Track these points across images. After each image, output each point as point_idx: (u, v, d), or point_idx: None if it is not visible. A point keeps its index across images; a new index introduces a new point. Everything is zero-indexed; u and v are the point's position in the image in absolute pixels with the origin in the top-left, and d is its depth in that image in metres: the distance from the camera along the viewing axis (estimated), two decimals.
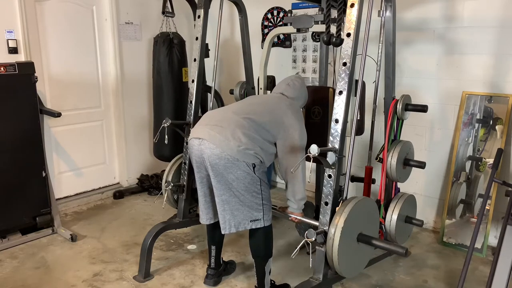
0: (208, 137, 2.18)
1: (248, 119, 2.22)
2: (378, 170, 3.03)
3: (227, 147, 2.13)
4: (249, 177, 2.18)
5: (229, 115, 2.27)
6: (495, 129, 3.02)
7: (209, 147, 2.16)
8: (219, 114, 2.35)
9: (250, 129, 2.19)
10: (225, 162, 2.13)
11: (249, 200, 2.21)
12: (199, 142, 2.22)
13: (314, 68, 4.02)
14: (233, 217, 2.24)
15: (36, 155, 3.25)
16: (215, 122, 2.25)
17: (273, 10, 4.24)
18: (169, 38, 3.87)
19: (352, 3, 2.02)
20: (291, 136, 2.27)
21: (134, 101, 4.31)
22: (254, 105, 2.41)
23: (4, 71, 3.00)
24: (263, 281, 2.38)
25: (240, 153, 2.13)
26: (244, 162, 2.14)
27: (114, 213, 3.82)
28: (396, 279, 2.71)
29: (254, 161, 2.17)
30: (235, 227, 2.25)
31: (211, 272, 2.63)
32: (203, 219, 2.45)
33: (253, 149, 2.16)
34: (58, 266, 2.87)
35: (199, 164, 2.28)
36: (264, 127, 2.24)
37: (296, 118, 2.33)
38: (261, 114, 2.29)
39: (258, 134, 2.20)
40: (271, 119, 2.28)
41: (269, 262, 2.36)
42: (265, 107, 2.36)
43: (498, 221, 3.00)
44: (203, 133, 2.22)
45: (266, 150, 2.23)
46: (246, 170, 2.16)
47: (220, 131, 2.17)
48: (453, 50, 3.14)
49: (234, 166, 2.14)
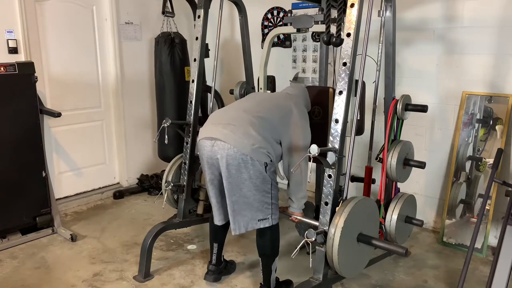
0: (222, 136, 2.17)
1: (259, 118, 2.22)
2: (378, 170, 3.03)
3: (241, 145, 2.13)
4: (261, 177, 2.18)
5: (240, 114, 2.26)
6: (495, 129, 3.02)
7: (223, 148, 2.16)
8: (229, 112, 2.35)
9: (261, 127, 2.19)
10: (239, 161, 2.13)
11: (259, 199, 2.21)
12: (211, 143, 2.21)
13: (314, 68, 4.02)
14: (242, 217, 2.24)
15: (36, 155, 3.25)
16: (227, 120, 2.24)
17: (273, 10, 4.24)
18: (170, 37, 3.88)
19: (352, 3, 2.02)
20: (296, 135, 2.28)
21: (134, 101, 4.31)
22: (263, 102, 2.41)
23: (4, 71, 3.00)
24: (269, 279, 2.39)
25: (254, 152, 2.13)
26: (258, 161, 2.14)
27: (114, 213, 3.83)
28: (396, 279, 2.71)
29: (266, 160, 2.18)
30: (244, 227, 2.26)
31: (212, 269, 2.65)
32: (216, 220, 2.45)
33: (265, 148, 2.16)
34: (58, 266, 2.87)
35: (211, 165, 2.27)
36: (274, 125, 2.25)
37: (302, 117, 2.34)
38: (270, 112, 2.29)
39: (268, 133, 2.21)
40: (279, 117, 2.28)
41: (275, 260, 2.37)
42: (273, 105, 2.37)
43: (498, 221, 3.00)
44: (216, 132, 2.21)
45: (275, 150, 2.24)
46: (259, 169, 2.16)
47: (233, 130, 2.17)
48: (453, 50, 3.14)
49: (248, 165, 2.14)
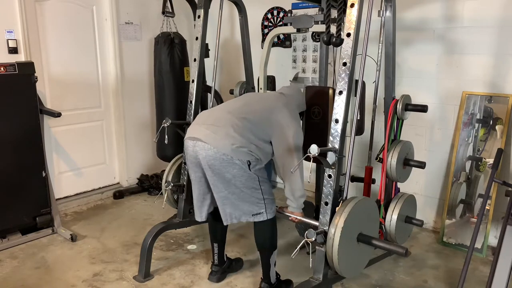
0: (203, 137, 2.21)
1: (243, 119, 2.25)
2: (378, 170, 3.02)
3: (221, 145, 2.16)
4: (246, 175, 2.20)
5: (225, 115, 2.29)
6: (495, 129, 3.02)
7: (203, 148, 2.19)
8: (215, 113, 2.38)
9: (244, 128, 2.21)
10: (221, 161, 2.17)
11: (249, 195, 2.24)
12: (193, 143, 2.26)
13: (314, 68, 4.01)
14: (234, 210, 2.28)
15: (36, 155, 3.25)
16: (211, 121, 2.28)
17: (273, 10, 4.24)
18: (170, 38, 3.88)
19: (352, 3, 2.02)
20: (285, 135, 2.28)
21: (134, 101, 4.31)
22: (250, 104, 2.43)
23: (4, 71, 3.00)
24: (268, 273, 2.41)
25: (234, 151, 2.16)
26: (239, 160, 2.17)
27: (114, 213, 3.83)
28: (396, 279, 2.71)
29: (248, 158, 2.19)
30: (237, 218, 2.29)
31: (214, 269, 2.67)
32: (198, 216, 2.47)
33: (247, 147, 2.18)
34: (58, 266, 2.87)
35: (194, 165, 2.31)
36: (259, 126, 2.27)
37: (292, 117, 2.35)
38: (256, 113, 2.31)
39: (252, 134, 2.23)
40: (266, 118, 2.30)
41: (274, 254, 2.39)
42: (261, 106, 2.39)
43: (498, 221, 3.00)
44: (199, 132, 2.26)
45: (262, 149, 2.25)
46: (242, 168, 2.18)
47: (215, 131, 2.21)
48: (453, 50, 3.14)
49: (229, 165, 2.17)
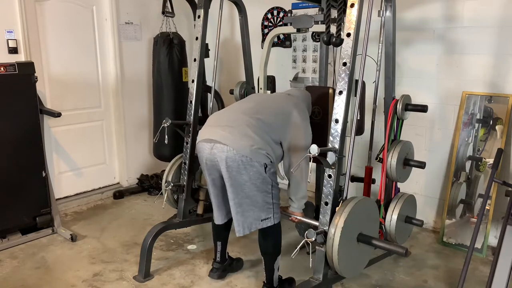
0: (221, 138, 2.18)
1: (257, 119, 2.23)
2: (378, 170, 3.02)
3: (240, 147, 2.13)
4: (261, 177, 2.18)
5: (239, 115, 2.27)
6: (495, 129, 3.02)
7: (222, 150, 2.16)
8: (228, 114, 2.36)
9: (260, 128, 2.19)
10: (239, 163, 2.14)
11: (260, 199, 2.23)
12: (210, 146, 2.22)
13: (314, 68, 4.01)
14: (245, 219, 2.26)
15: (36, 155, 3.25)
16: (226, 122, 2.26)
17: (273, 10, 4.24)
18: (169, 38, 3.88)
19: (352, 3, 2.02)
20: (296, 135, 2.28)
21: (134, 101, 4.31)
22: (262, 104, 2.42)
23: (4, 71, 3.00)
24: (272, 277, 2.40)
25: (253, 153, 2.13)
26: (257, 162, 2.15)
27: (114, 213, 3.82)
28: (396, 279, 2.71)
29: (265, 161, 2.18)
30: (248, 228, 2.27)
31: (216, 266, 2.67)
32: (218, 220, 2.48)
33: (264, 149, 2.16)
34: (58, 266, 2.87)
35: (210, 167, 2.28)
36: (273, 127, 2.25)
37: (302, 118, 2.34)
38: (269, 113, 2.30)
39: (267, 134, 2.21)
40: (279, 118, 2.29)
41: (278, 259, 2.39)
42: (273, 106, 2.37)
43: (498, 221, 3.00)
44: (215, 134, 2.22)
45: (275, 151, 2.24)
46: (259, 171, 2.16)
47: (231, 131, 2.18)
48: (453, 50, 3.14)
49: (247, 167, 2.14)
